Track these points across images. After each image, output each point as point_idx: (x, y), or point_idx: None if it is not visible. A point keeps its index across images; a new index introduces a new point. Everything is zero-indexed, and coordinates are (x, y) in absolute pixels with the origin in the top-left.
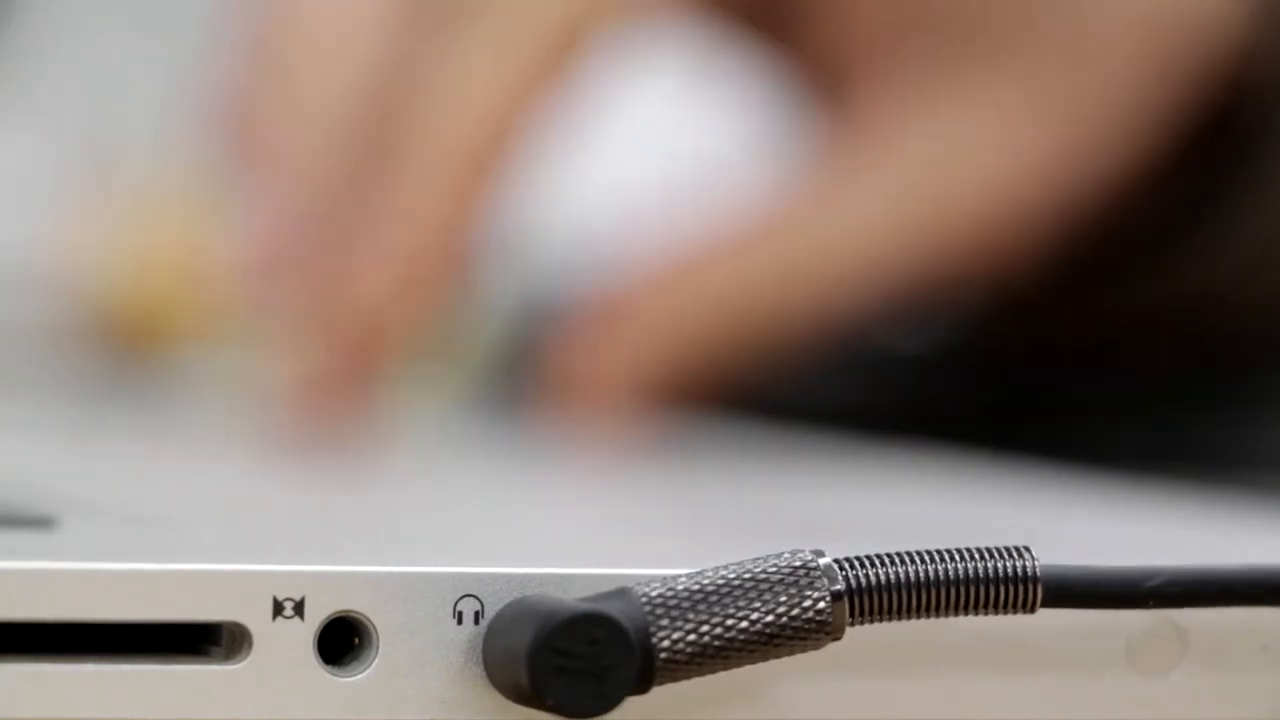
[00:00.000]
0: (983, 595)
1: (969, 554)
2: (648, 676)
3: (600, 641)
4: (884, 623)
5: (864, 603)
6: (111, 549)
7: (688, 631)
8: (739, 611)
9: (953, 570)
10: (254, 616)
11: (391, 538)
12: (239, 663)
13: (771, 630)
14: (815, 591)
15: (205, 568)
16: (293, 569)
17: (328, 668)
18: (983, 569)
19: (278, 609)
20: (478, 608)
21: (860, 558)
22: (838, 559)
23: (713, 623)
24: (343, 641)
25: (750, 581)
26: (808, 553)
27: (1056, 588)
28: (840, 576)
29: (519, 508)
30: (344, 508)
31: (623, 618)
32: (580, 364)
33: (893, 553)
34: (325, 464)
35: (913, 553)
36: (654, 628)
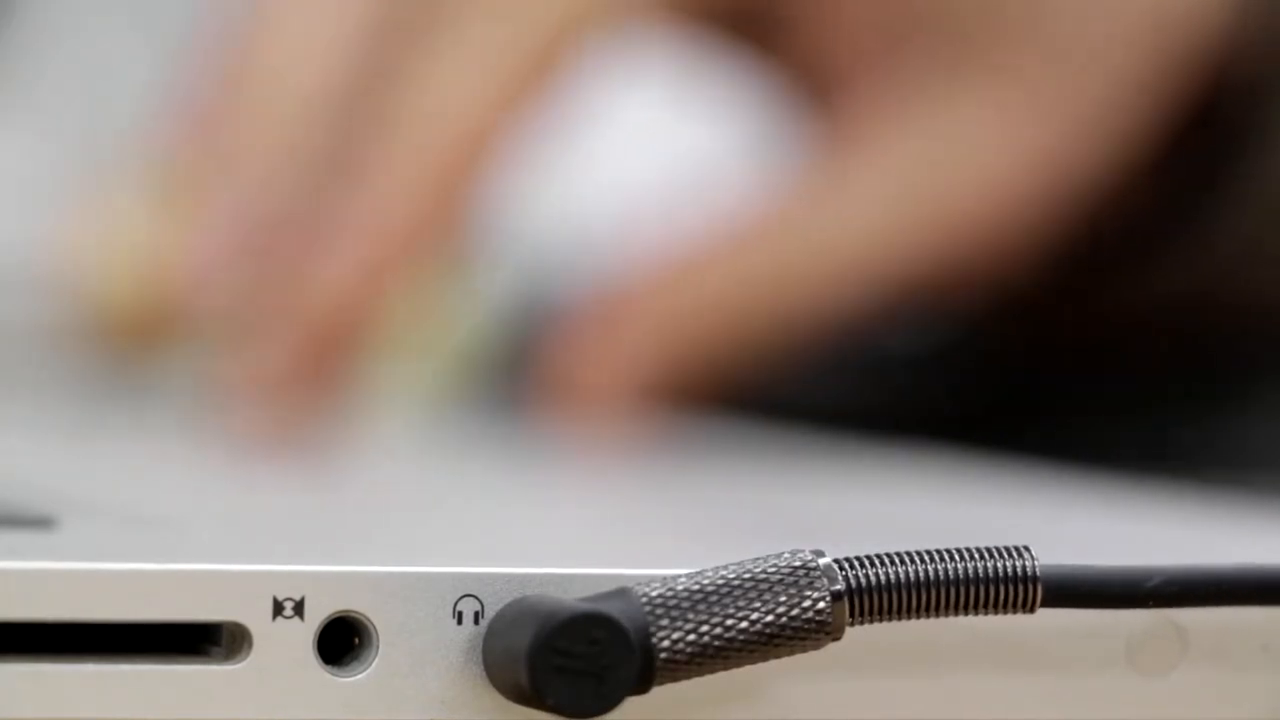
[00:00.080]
0: (983, 595)
1: (969, 554)
2: (648, 676)
3: (600, 641)
4: (884, 623)
5: (864, 603)
6: (111, 549)
7: (688, 631)
8: (739, 611)
9: (953, 570)
10: (254, 616)
11: (391, 538)
12: (239, 663)
13: (771, 630)
14: (815, 591)
15: (205, 568)
16: (292, 569)
17: (328, 668)
18: (983, 569)
19: (278, 609)
20: (478, 608)
21: (860, 558)
22: (837, 559)
23: (713, 623)
24: (343, 641)
25: (750, 581)
26: (807, 553)
27: (1056, 588)
28: (840, 576)
29: (519, 508)
30: (344, 508)
31: (623, 618)
32: (579, 365)
33: (892, 553)
34: (324, 464)
35: (912, 553)
36: (654, 628)
